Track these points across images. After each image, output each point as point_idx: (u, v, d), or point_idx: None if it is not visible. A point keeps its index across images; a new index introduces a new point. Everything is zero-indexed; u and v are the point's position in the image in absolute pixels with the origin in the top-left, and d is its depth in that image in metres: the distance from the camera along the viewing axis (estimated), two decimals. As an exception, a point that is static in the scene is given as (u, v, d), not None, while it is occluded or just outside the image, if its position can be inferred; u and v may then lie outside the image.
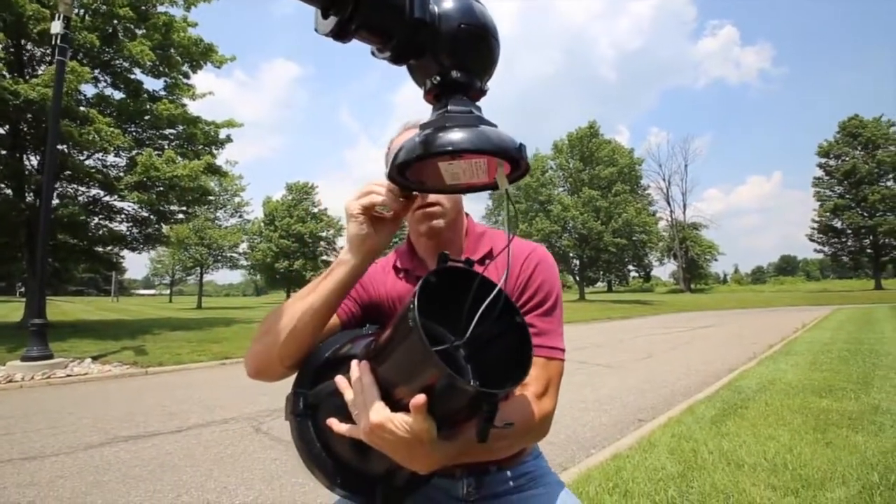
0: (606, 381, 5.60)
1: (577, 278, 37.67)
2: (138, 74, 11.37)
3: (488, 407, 0.54)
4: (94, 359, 6.73)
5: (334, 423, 0.64)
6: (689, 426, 3.47)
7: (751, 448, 2.96)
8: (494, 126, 0.56)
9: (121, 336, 9.57)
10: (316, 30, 0.52)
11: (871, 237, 43.59)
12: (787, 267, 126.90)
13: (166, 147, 11.76)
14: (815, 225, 47.46)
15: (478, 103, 0.58)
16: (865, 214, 43.60)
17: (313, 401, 0.71)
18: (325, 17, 0.51)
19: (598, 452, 3.09)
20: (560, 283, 0.91)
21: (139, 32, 10.70)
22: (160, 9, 10.93)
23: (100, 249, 12.94)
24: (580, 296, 35.63)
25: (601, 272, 43.90)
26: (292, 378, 0.76)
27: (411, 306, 0.52)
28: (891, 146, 43.26)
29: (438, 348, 0.55)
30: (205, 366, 6.80)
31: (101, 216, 12.04)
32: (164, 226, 13.66)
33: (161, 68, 11.31)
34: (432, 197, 0.88)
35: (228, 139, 12.83)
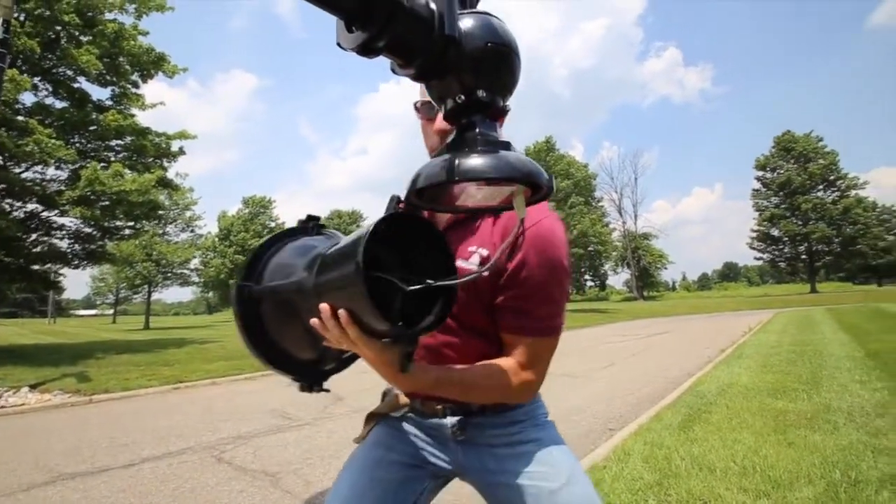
0: (573, 391, 5.66)
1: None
2: (83, 83, 10.77)
3: (407, 342, 0.67)
4: (32, 387, 6.18)
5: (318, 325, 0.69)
6: (658, 433, 3.54)
7: (719, 452, 3.04)
8: (514, 150, 0.54)
9: (60, 361, 8.85)
10: (339, 44, 0.50)
11: (805, 244, 46.85)
12: (729, 273, 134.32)
13: (113, 159, 11.14)
14: (755, 233, 50.57)
15: (497, 123, 0.57)
16: (800, 223, 46.90)
17: (258, 294, 0.78)
18: (349, 30, 0.49)
19: (574, 464, 3.09)
20: (565, 257, 0.89)
21: (85, 39, 10.15)
22: (109, 16, 10.42)
23: (37, 267, 12.03)
24: (567, 300, 36.17)
25: (560, 282, 44.66)
26: (252, 405, 0.79)
27: (362, 245, 0.59)
28: (820, 159, 46.86)
29: (384, 276, 0.64)
30: (156, 391, 6.37)
31: (39, 232, 11.21)
32: (108, 242, 12.88)
33: (108, 77, 10.75)
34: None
35: (181, 151, 12.31)
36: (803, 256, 48.02)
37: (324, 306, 0.65)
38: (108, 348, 11.37)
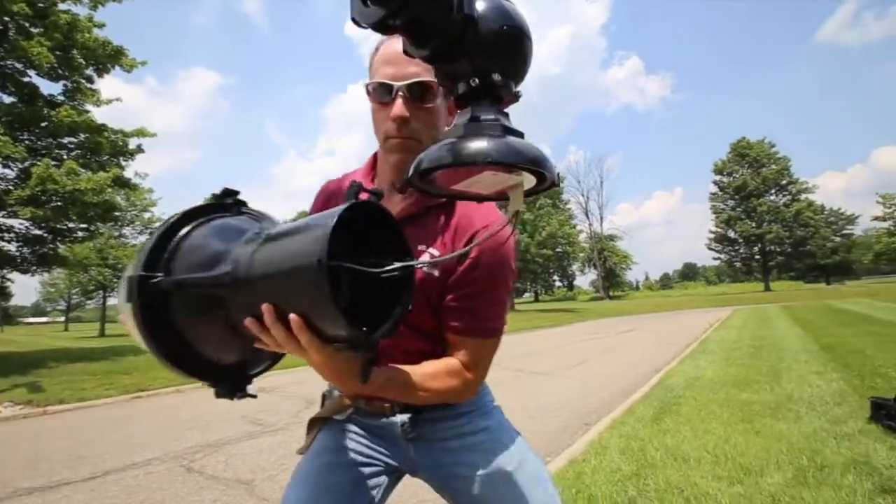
0: (548, 388, 5.73)
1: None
2: (33, 77, 10.18)
3: (367, 348, 0.61)
4: (-23, 400, 5.78)
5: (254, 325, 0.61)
6: (633, 426, 3.61)
7: (692, 442, 3.13)
8: (523, 137, 0.53)
9: (10, 371, 8.31)
10: (353, 19, 0.48)
11: (759, 245, 49.16)
12: (689, 273, 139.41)
13: (66, 157, 10.57)
14: (713, 235, 52.74)
15: (507, 110, 0.56)
16: (754, 224, 49.15)
17: (167, 288, 0.61)
18: (365, 4, 0.47)
19: (554, 460, 3.12)
20: (513, 259, 0.89)
21: (35, 31, 9.60)
22: (62, 6, 9.89)
23: (-20, 273, 11.30)
24: (511, 306, 36.62)
25: (528, 283, 45.49)
26: (220, 413, 0.72)
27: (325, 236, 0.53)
28: (773, 165, 49.33)
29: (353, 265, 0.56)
30: (115, 401, 6.06)
31: (-17, 235, 10.53)
32: (60, 245, 12.21)
33: (61, 71, 10.19)
34: (412, 131, 0.84)
35: (139, 149, 11.77)
36: (757, 257, 50.42)
37: (266, 308, 0.56)
38: (61, 357, 10.76)
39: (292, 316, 0.55)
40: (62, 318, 49.20)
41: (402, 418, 0.93)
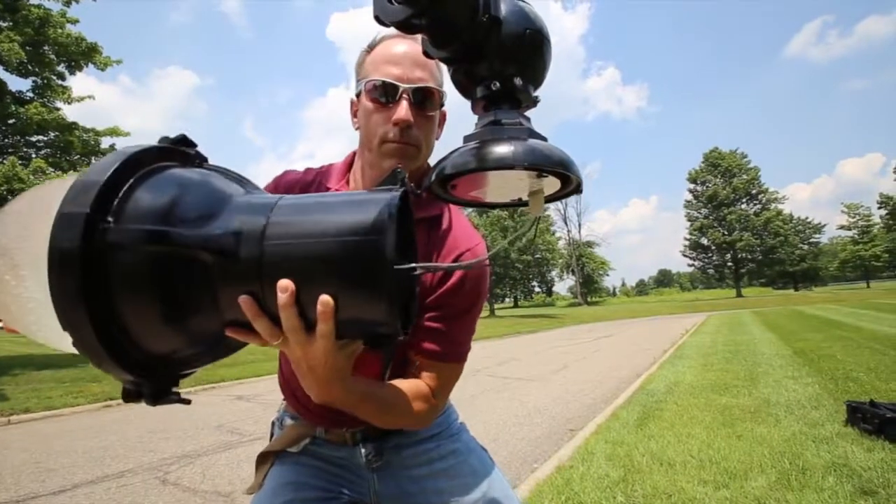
0: (531, 394, 5.73)
1: (488, 295, 38.89)
2: (1, 72, 9.80)
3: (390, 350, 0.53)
4: (-66, 410, 5.48)
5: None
6: (617, 431, 3.63)
7: (676, 447, 3.16)
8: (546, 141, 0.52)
9: (-32, 380, 7.94)
10: (377, 17, 0.47)
11: (731, 252, 50.55)
12: (663, 279, 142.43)
13: (34, 156, 10.20)
14: (687, 242, 54.01)
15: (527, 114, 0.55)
16: (726, 232, 50.55)
17: (115, 240, 0.44)
18: (390, 1, 0.46)
19: (541, 466, 3.11)
20: (487, 286, 0.88)
21: (4, 25, 9.25)
22: (34, 0, 9.57)
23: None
24: (490, 312, 36.70)
25: (508, 289, 45.77)
26: (195, 422, 0.60)
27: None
28: (744, 175, 50.90)
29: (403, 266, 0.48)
30: (84, 410, 5.83)
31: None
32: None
33: (31, 66, 9.85)
34: (412, 137, 0.80)
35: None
36: (729, 264, 51.87)
37: (286, 286, 0.45)
38: (25, 363, 10.31)
39: (325, 298, 0.46)
40: (26, 324, 47.24)
41: (366, 448, 0.89)
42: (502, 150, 0.47)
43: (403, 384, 0.76)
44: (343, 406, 0.62)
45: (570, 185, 0.54)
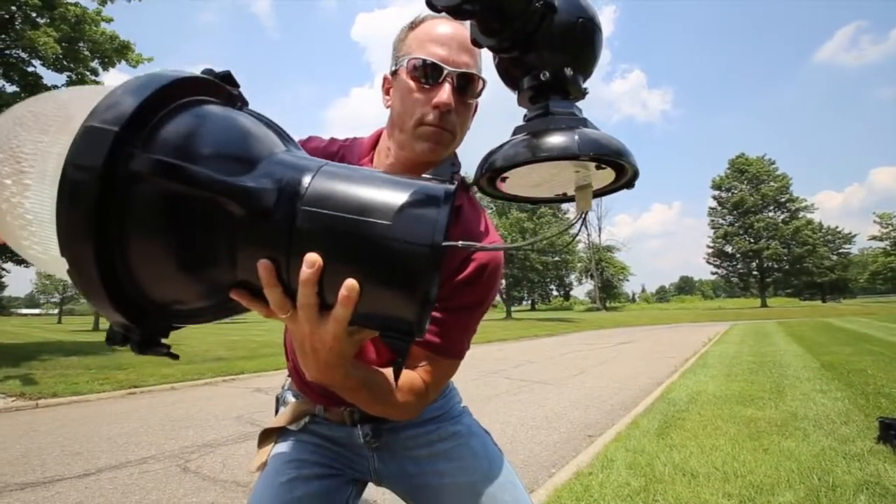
0: (548, 398, 5.67)
1: (504, 297, 38.70)
2: (38, 67, 10.15)
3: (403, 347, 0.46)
4: (-32, 391, 5.69)
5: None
6: (638, 440, 3.56)
7: (699, 458, 3.08)
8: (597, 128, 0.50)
9: (2, 363, 8.21)
10: (429, 2, 0.45)
11: (756, 260, 49.30)
12: (685, 286, 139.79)
13: (68, 149, 10.53)
14: (710, 249, 52.83)
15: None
16: (752, 240, 49.32)
17: (139, 169, 0.38)
18: None
19: (559, 471, 3.07)
20: (499, 285, 0.87)
21: (42, 21, 9.58)
22: (71, -1, 9.90)
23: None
24: (507, 314, 36.54)
25: (525, 291, 45.51)
26: (215, 412, 0.58)
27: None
28: (772, 182, 49.59)
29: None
30: (109, 396, 5.98)
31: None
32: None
33: (66, 62, 10.17)
34: (450, 122, 0.77)
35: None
36: (755, 272, 50.54)
37: (313, 261, 0.41)
38: (53, 350, 10.66)
39: (351, 283, 0.42)
40: (55, 311, 48.90)
41: (363, 429, 0.89)
42: (564, 139, 0.45)
43: (403, 375, 0.74)
44: (338, 390, 0.60)
45: (622, 178, 0.52)
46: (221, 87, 0.50)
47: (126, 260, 0.41)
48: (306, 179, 0.44)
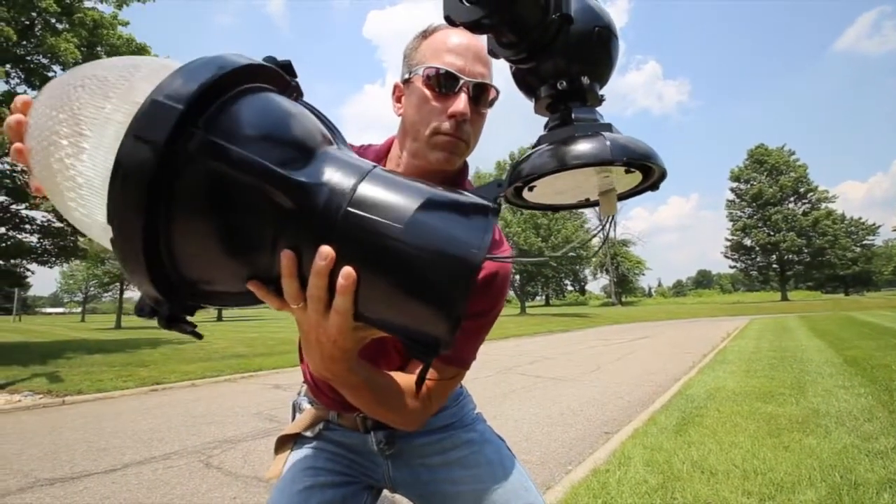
0: (564, 394, 5.65)
1: (518, 292, 38.59)
2: (58, 72, 10.38)
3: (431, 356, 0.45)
4: (0, 388, 5.89)
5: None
6: (655, 437, 3.54)
7: (718, 455, 3.05)
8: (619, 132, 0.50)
9: (29, 361, 8.47)
10: (447, 16, 0.46)
11: (776, 253, 48.28)
12: (703, 280, 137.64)
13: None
14: (729, 242, 51.86)
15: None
16: (771, 233, 48.29)
17: (204, 150, 0.39)
18: (461, 1, 0.46)
19: (575, 468, 3.07)
20: (507, 293, 0.87)
21: (61, 27, 9.80)
22: (88, 3, 10.10)
23: (1, 262, 11.52)
24: (521, 309, 36.43)
25: (539, 286, 45.32)
26: (235, 408, 0.59)
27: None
28: (791, 173, 48.47)
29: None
30: (132, 393, 6.13)
31: (8, 226, 10.75)
32: (80, 237, 12.43)
33: (85, 66, 10.42)
34: (465, 132, 0.77)
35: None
36: (774, 266, 49.51)
37: (327, 252, 0.42)
38: (78, 347, 10.95)
39: (347, 270, 0.42)
40: (79, 309, 50.15)
41: (377, 436, 0.89)
42: (596, 146, 0.45)
43: (402, 378, 0.74)
44: (341, 387, 0.60)
45: (648, 180, 0.52)
46: (281, 76, 0.50)
47: (169, 236, 0.41)
48: (355, 181, 0.45)
